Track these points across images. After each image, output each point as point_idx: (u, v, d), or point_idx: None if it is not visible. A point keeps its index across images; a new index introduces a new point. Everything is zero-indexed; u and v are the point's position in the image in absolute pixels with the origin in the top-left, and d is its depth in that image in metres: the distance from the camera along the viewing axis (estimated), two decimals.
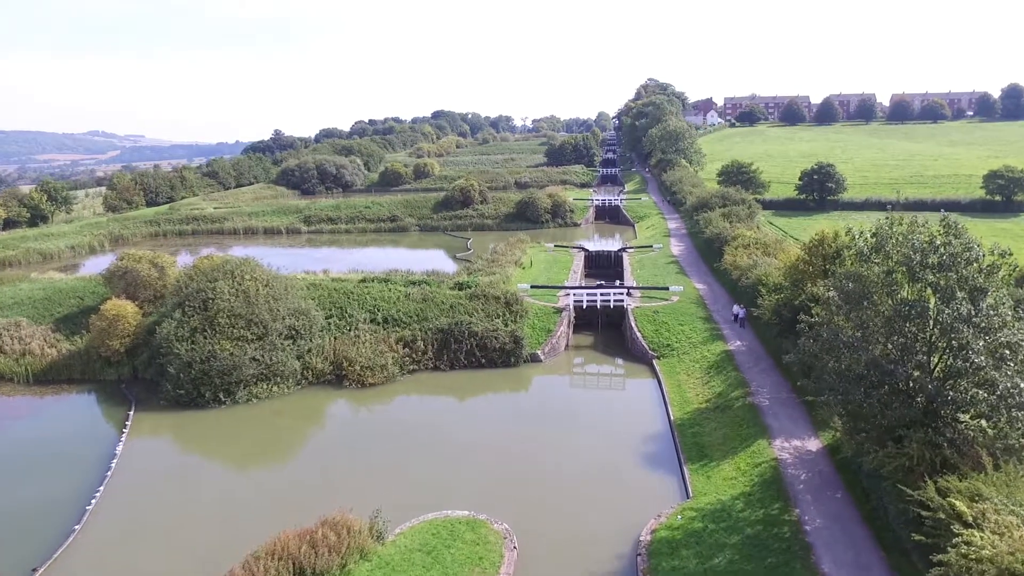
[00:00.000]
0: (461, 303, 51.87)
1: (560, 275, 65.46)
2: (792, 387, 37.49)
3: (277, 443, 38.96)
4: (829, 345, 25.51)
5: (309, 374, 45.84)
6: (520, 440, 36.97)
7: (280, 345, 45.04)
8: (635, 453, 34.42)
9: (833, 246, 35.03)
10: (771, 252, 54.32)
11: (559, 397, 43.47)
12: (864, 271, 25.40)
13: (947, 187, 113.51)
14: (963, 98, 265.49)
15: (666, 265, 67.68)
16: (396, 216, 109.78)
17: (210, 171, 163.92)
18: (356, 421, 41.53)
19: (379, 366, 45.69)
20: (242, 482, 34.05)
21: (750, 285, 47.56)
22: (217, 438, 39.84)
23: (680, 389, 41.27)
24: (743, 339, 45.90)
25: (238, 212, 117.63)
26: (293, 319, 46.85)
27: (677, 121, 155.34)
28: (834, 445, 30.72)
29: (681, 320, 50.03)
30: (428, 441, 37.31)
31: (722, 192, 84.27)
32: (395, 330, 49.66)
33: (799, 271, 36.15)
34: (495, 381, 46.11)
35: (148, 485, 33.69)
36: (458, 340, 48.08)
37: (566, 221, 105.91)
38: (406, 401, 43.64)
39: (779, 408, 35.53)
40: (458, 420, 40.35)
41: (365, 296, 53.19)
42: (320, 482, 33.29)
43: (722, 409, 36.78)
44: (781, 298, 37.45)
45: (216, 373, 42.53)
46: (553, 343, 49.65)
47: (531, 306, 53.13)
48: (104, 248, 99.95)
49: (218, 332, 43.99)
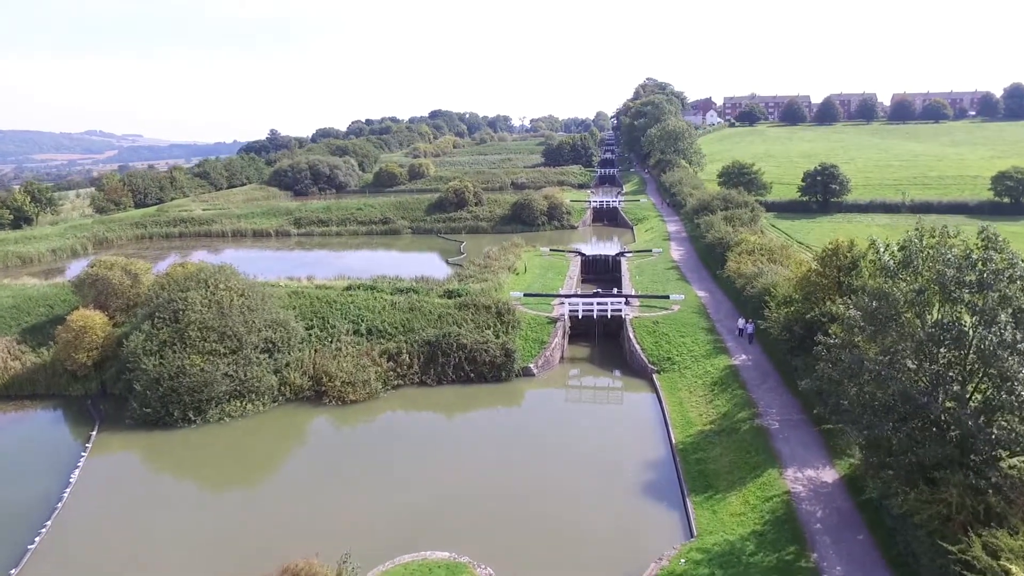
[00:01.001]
0: (450, 313, 49.08)
1: (555, 281, 62.69)
2: (803, 408, 34.74)
3: (246, 469, 36.13)
4: (851, 371, 22.74)
5: (287, 390, 43.01)
6: (508, 468, 34.19)
7: (255, 359, 42.25)
8: (634, 482, 31.64)
9: (848, 256, 32.28)
10: (777, 259, 51.61)
11: (552, 417, 40.62)
12: (890, 288, 22.61)
13: (952, 188, 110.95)
14: (965, 98, 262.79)
15: (666, 271, 64.92)
16: (388, 218, 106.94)
17: (201, 172, 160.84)
18: (332, 444, 38.66)
19: (361, 381, 42.88)
20: (203, 517, 31.12)
21: (756, 295, 44.81)
22: (183, 462, 37.01)
23: (682, 408, 38.51)
24: (748, 353, 43.14)
25: (227, 214, 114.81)
26: (270, 331, 44.07)
27: (676, 121, 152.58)
28: (852, 476, 27.96)
29: (682, 331, 47.25)
30: (408, 468, 34.53)
31: (723, 194, 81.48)
32: (379, 342, 46.85)
33: (811, 283, 33.37)
34: (484, 398, 43.33)
35: (98, 522, 30.79)
36: (446, 353, 45.28)
37: (563, 223, 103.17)
38: (388, 421, 40.83)
39: (790, 432, 32.76)
40: (442, 444, 37.49)
41: (349, 305, 50.37)
42: (289, 515, 30.48)
43: (728, 432, 34.00)
44: (791, 312, 34.69)
45: (185, 390, 39.73)
46: (547, 356, 46.86)
47: (524, 316, 50.35)
48: (87, 251, 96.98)
49: (189, 346, 41.19)
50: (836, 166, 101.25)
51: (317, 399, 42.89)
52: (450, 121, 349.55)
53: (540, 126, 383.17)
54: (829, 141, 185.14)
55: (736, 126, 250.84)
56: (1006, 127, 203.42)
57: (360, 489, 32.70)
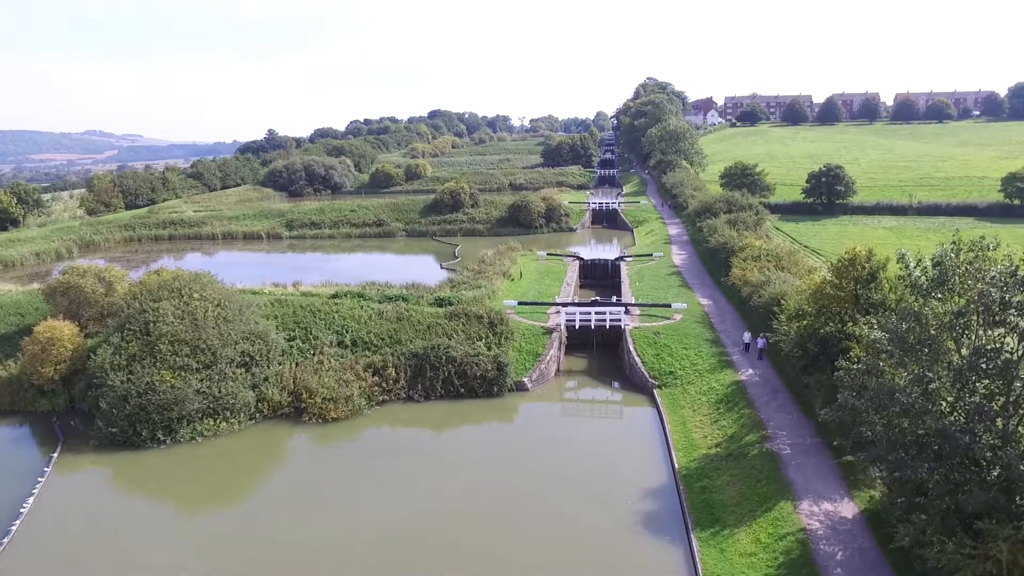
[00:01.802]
0: (440, 323, 46.51)
1: (552, 288, 60.10)
2: (816, 430, 32.17)
3: (218, 492, 33.60)
4: (878, 402, 20.16)
5: (264, 407, 40.46)
6: (496, 494, 31.63)
7: (231, 374, 39.72)
8: (633, 514, 29.06)
9: (866, 267, 29.67)
10: (784, 266, 49.01)
11: (546, 437, 37.96)
12: (921, 309, 20.04)
13: (960, 190, 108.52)
14: (968, 97, 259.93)
15: (667, 277, 62.34)
16: (382, 220, 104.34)
17: (195, 172, 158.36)
18: (311, 465, 36.07)
19: (343, 398, 40.32)
20: (171, 546, 28.54)
21: (763, 305, 42.24)
22: (150, 486, 34.45)
23: (685, 428, 35.94)
24: (755, 368, 40.58)
25: (218, 216, 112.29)
26: (247, 344, 41.51)
27: (677, 121, 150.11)
28: (874, 511, 25.38)
29: (685, 343, 44.68)
30: (391, 491, 31.99)
31: (726, 196, 78.88)
32: (364, 355, 44.29)
33: (825, 296, 30.78)
34: (474, 415, 40.78)
35: (51, 555, 28.24)
36: (434, 367, 42.73)
37: (561, 226, 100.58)
38: (371, 440, 38.30)
39: (802, 457, 30.19)
40: (427, 466, 34.82)
41: (333, 315, 47.82)
42: (263, 542, 28.12)
43: (735, 457, 31.41)
44: (804, 326, 32.11)
45: (154, 408, 37.20)
46: (542, 369, 44.29)
47: (518, 326, 47.79)
48: (72, 255, 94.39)
49: (159, 360, 38.65)
50: (841, 167, 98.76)
51: (297, 416, 40.35)
52: (449, 121, 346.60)
53: (540, 126, 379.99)
54: (832, 141, 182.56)
55: (737, 126, 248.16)
56: (1011, 127, 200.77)
57: (340, 514, 30.29)
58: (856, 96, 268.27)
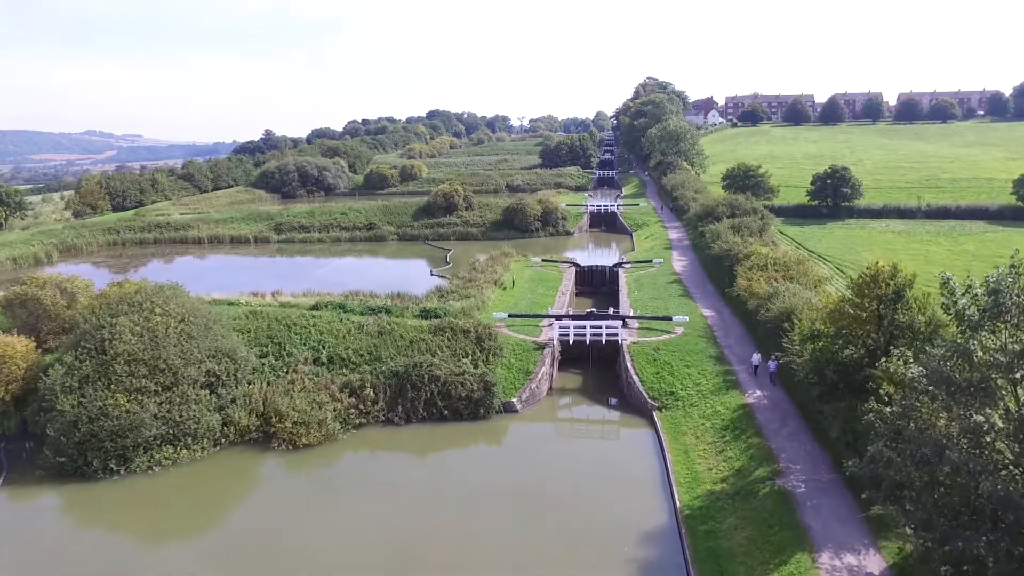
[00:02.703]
0: (423, 338, 43.32)
1: (546, 297, 56.89)
2: (833, 463, 28.96)
3: (175, 527, 30.37)
4: (920, 456, 16.96)
5: (231, 431, 37.24)
6: (478, 534, 28.47)
7: (193, 396, 36.52)
8: (629, 562, 25.88)
9: (891, 284, 26.46)
10: (793, 276, 45.79)
11: (535, 467, 34.61)
12: (970, 344, 16.85)
13: (968, 192, 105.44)
14: (973, 97, 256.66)
15: (668, 285, 59.12)
16: (374, 223, 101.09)
17: (185, 174, 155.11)
18: (279, 497, 32.80)
19: (316, 422, 37.11)
20: None
21: (771, 320, 39.02)
22: (97, 524, 31.30)
23: (687, 458, 32.74)
24: (763, 388, 37.39)
25: (205, 219, 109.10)
26: (213, 362, 38.30)
27: (677, 120, 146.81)
28: (904, 567, 22.18)
29: (687, 360, 41.48)
30: (366, 526, 28.86)
31: (729, 200, 75.63)
32: (341, 373, 41.12)
33: (845, 316, 27.56)
34: (458, 439, 37.61)
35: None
36: (416, 387, 39.52)
37: (558, 229, 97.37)
38: (345, 468, 35.11)
39: (820, 497, 26.98)
40: (405, 499, 31.61)
41: (310, 329, 44.64)
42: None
43: (743, 496, 28.21)
44: (821, 348, 28.91)
45: (107, 435, 33.98)
46: (532, 388, 41.08)
47: (507, 341, 44.60)
48: (51, 260, 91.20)
49: (114, 382, 35.41)
50: (848, 168, 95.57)
51: (266, 442, 37.16)
52: (447, 121, 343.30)
53: (539, 126, 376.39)
54: (835, 142, 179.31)
55: (739, 126, 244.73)
56: (1017, 127, 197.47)
57: (310, 551, 27.19)
58: (859, 96, 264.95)
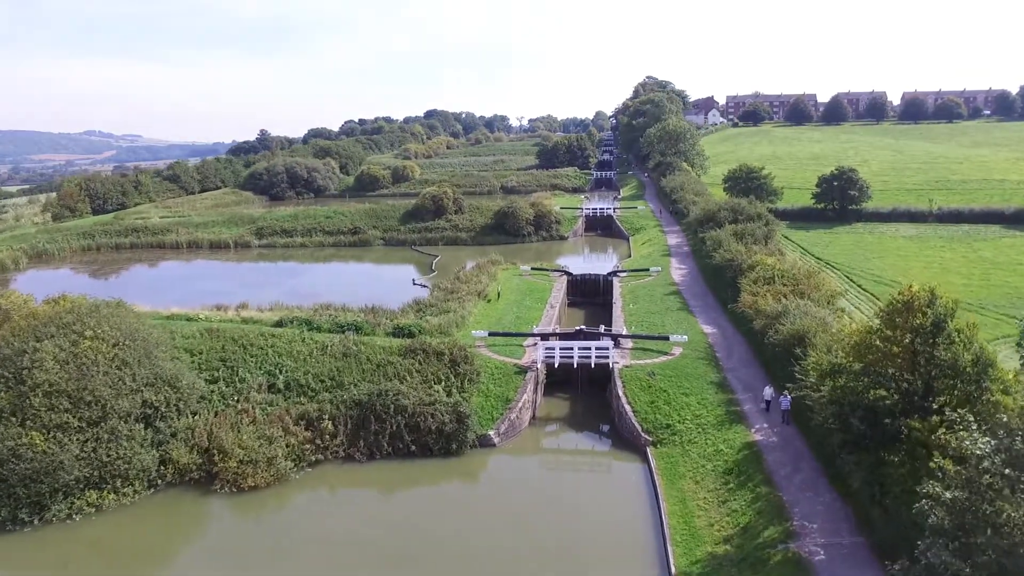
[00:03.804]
0: (392, 361, 38.97)
1: (533, 311, 52.49)
2: (857, 523, 24.57)
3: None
4: (994, 566, 12.55)
5: (169, 471, 32.88)
6: None
7: (125, 432, 32.15)
8: None
9: (928, 314, 22.07)
10: (804, 291, 41.42)
11: (510, 517, 30.10)
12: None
13: (979, 194, 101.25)
14: (979, 96, 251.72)
15: (665, 297, 54.70)
16: (359, 228, 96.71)
17: (171, 175, 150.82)
18: (218, 548, 28.48)
19: (264, 460, 32.74)
20: None
21: (780, 343, 34.65)
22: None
23: (685, 508, 28.35)
24: (771, 422, 33.01)
25: (185, 222, 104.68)
26: (151, 392, 33.95)
27: (677, 120, 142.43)
28: None
29: (685, 388, 37.08)
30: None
31: (731, 204, 71.26)
32: (298, 401, 36.78)
33: (873, 350, 23.19)
34: (426, 479, 33.25)
35: None
36: (380, 418, 35.14)
37: (551, 234, 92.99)
38: (297, 514, 30.73)
39: (842, 567, 22.56)
40: (363, 552, 27.30)
41: (268, 351, 40.29)
42: None
43: (752, 563, 23.79)
44: (843, 387, 24.50)
45: (19, 480, 29.67)
46: (512, 419, 36.67)
47: (486, 363, 40.25)
48: (20, 266, 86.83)
49: (30, 417, 31.04)
50: (855, 170, 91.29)
51: (209, 481, 32.79)
52: (445, 121, 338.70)
53: (538, 126, 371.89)
54: (839, 142, 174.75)
55: (740, 126, 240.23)
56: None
57: None
58: (862, 95, 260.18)
